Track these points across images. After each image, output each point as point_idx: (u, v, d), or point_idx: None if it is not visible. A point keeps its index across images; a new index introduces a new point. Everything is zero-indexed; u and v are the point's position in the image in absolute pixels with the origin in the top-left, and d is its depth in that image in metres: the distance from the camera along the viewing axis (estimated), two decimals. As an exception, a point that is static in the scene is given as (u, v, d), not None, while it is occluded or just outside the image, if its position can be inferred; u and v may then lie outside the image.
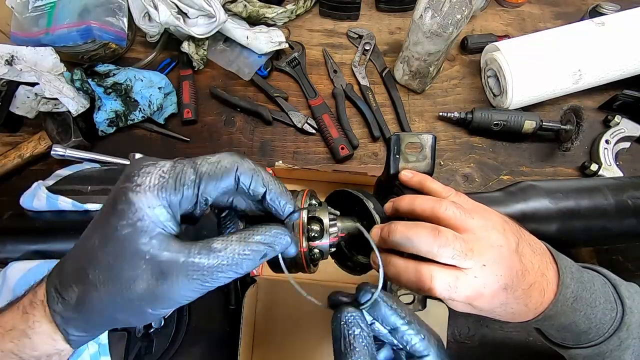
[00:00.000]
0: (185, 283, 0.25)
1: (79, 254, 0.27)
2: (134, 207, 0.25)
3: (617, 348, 0.37)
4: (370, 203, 0.39)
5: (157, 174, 0.26)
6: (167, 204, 0.25)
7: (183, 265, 0.24)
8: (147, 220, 0.25)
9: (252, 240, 0.27)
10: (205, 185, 0.26)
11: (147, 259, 0.24)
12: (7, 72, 0.66)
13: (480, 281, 0.33)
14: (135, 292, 0.25)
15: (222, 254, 0.25)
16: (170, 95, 0.73)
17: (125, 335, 0.53)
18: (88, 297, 0.25)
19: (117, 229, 0.25)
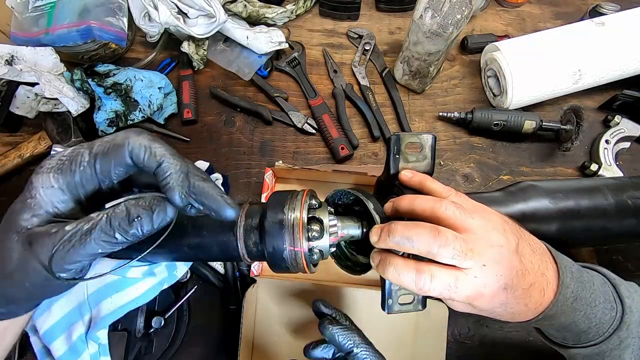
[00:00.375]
0: (51, 250, 0.25)
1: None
2: (31, 185, 0.27)
3: (617, 347, 0.37)
4: (370, 203, 0.39)
5: (58, 157, 0.27)
6: (65, 185, 0.26)
7: (49, 235, 0.25)
8: (38, 198, 0.26)
9: (117, 210, 0.26)
10: (100, 165, 0.26)
11: (20, 232, 0.26)
12: (7, 72, 0.66)
13: (480, 281, 0.33)
14: (12, 262, 0.26)
15: (93, 215, 0.26)
16: (170, 95, 0.73)
17: (125, 335, 0.53)
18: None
19: (14, 205, 0.27)
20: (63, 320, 0.46)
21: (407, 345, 0.60)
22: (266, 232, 0.38)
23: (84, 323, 0.47)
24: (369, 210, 0.39)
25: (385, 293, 0.37)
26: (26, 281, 0.26)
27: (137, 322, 0.55)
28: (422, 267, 0.33)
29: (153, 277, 0.49)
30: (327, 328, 0.36)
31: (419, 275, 0.33)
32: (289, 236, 0.38)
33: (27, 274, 0.26)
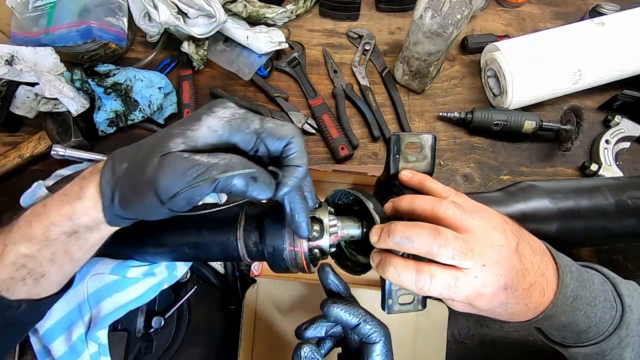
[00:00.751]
0: (179, 173, 0.28)
1: (145, 140, 0.32)
2: (199, 122, 0.29)
3: (617, 346, 0.37)
4: (370, 203, 0.39)
5: (232, 111, 0.31)
6: (226, 136, 0.30)
7: (183, 159, 0.28)
8: (197, 133, 0.29)
9: (249, 162, 0.30)
10: (262, 139, 0.30)
11: (164, 151, 0.28)
12: (7, 72, 0.66)
13: (480, 281, 0.33)
14: (145, 175, 0.29)
15: (221, 156, 0.29)
16: (170, 95, 0.73)
17: (125, 335, 0.53)
18: (128, 172, 0.30)
19: (173, 129, 0.30)
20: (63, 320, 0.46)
21: (407, 345, 0.60)
22: (266, 232, 0.38)
23: (84, 323, 0.47)
24: (369, 210, 0.39)
25: (385, 293, 0.37)
26: (148, 196, 0.29)
27: (137, 322, 0.55)
28: (422, 267, 0.33)
29: (153, 277, 0.49)
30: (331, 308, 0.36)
31: (418, 275, 0.33)
32: (289, 236, 0.38)
33: (152, 189, 0.28)
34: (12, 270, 0.31)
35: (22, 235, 0.31)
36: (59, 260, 0.32)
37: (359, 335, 0.36)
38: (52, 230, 0.31)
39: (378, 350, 0.35)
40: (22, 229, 0.31)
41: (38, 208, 0.32)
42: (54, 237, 0.31)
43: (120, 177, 0.30)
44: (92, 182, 0.31)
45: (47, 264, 0.32)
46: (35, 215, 0.32)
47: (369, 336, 0.36)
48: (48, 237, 0.31)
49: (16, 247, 0.31)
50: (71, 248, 0.32)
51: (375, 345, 0.36)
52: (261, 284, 0.60)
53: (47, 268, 0.32)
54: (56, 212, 0.31)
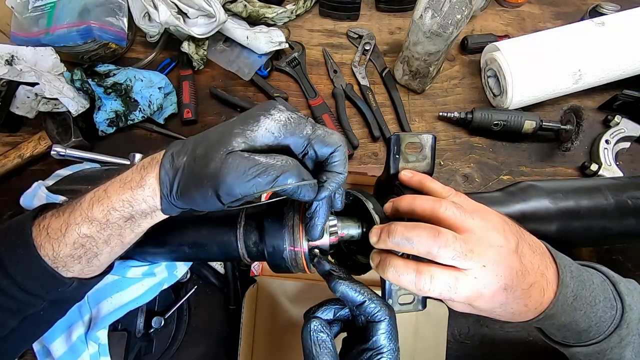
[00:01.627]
0: (240, 172, 0.30)
1: (202, 135, 0.34)
2: (258, 124, 0.32)
3: (617, 345, 0.37)
4: (370, 203, 0.39)
5: (288, 115, 0.33)
6: (281, 138, 0.32)
7: (245, 159, 0.30)
8: (257, 134, 0.31)
9: (300, 165, 0.32)
10: (314, 142, 0.33)
11: (228, 149, 0.31)
12: (7, 72, 0.66)
13: (480, 282, 0.33)
14: (208, 169, 0.31)
15: (279, 158, 0.31)
16: (170, 95, 0.73)
17: (125, 335, 0.53)
18: (188, 167, 0.32)
19: (234, 128, 0.32)
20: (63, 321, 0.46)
21: (407, 345, 0.60)
22: (266, 232, 0.38)
23: (84, 323, 0.47)
24: (369, 211, 0.39)
25: (385, 293, 0.37)
26: (209, 189, 0.31)
27: (137, 322, 0.55)
28: (422, 268, 0.33)
29: (153, 277, 0.49)
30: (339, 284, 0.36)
31: (418, 276, 0.33)
32: (288, 236, 0.38)
33: (214, 184, 0.31)
34: (71, 249, 0.34)
35: (84, 217, 0.34)
36: (112, 242, 0.35)
37: (364, 314, 0.36)
38: (112, 214, 0.34)
39: (383, 329, 0.35)
40: (85, 211, 0.34)
41: (99, 192, 0.34)
42: (113, 220, 0.34)
43: (180, 169, 0.32)
44: (152, 172, 0.34)
45: (102, 245, 0.35)
46: (97, 200, 0.34)
47: (375, 314, 0.36)
48: (108, 220, 0.34)
49: (78, 227, 0.34)
50: (125, 232, 0.35)
51: (381, 323, 0.36)
52: (261, 284, 0.60)
53: (101, 249, 0.35)
54: (117, 198, 0.34)
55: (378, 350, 0.35)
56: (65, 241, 0.33)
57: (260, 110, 0.33)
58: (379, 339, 0.35)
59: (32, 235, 0.34)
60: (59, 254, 0.34)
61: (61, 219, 0.34)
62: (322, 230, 0.36)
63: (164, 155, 0.34)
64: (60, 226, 0.34)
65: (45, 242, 0.34)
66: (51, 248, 0.33)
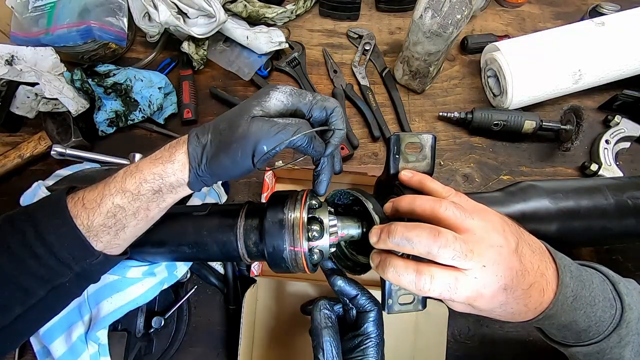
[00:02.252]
0: (264, 128, 0.36)
1: (220, 116, 0.39)
2: (269, 96, 0.38)
3: (617, 345, 0.37)
4: (370, 203, 0.39)
5: (291, 88, 0.39)
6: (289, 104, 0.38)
7: (265, 121, 0.36)
8: (270, 103, 0.37)
9: (308, 126, 0.38)
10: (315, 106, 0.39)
11: (250, 115, 0.36)
12: (7, 72, 0.66)
13: (480, 282, 0.33)
14: (237, 133, 0.36)
15: (292, 119, 0.37)
16: (170, 95, 0.73)
17: (125, 335, 0.53)
18: (213, 141, 0.37)
19: (250, 103, 0.38)
20: (63, 321, 0.46)
21: (407, 345, 0.60)
22: (266, 232, 0.38)
23: (84, 323, 0.47)
24: (369, 211, 0.39)
25: (385, 293, 0.37)
26: (239, 150, 0.36)
27: (137, 322, 0.55)
28: (422, 268, 0.33)
29: (153, 277, 0.49)
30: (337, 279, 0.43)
31: (418, 276, 0.33)
32: (289, 236, 0.38)
33: (242, 144, 0.36)
34: (104, 218, 0.37)
35: (118, 188, 0.37)
36: (140, 214, 0.38)
37: (356, 306, 0.43)
38: (143, 185, 0.37)
39: (372, 317, 0.43)
40: (119, 183, 0.37)
41: (131, 168, 0.38)
42: (143, 192, 0.37)
43: (208, 143, 0.37)
44: (180, 149, 0.38)
45: (130, 216, 0.38)
46: (130, 173, 0.38)
47: (365, 306, 0.43)
48: (139, 192, 0.37)
49: (112, 197, 0.37)
50: (151, 205, 0.38)
51: (370, 312, 0.43)
52: (261, 284, 0.60)
53: (129, 221, 0.38)
54: (149, 171, 0.37)
55: (367, 335, 0.42)
56: (100, 210, 0.37)
57: (269, 87, 0.39)
58: (368, 326, 0.42)
59: (68, 207, 0.37)
60: (92, 222, 0.37)
61: (96, 191, 0.38)
62: (327, 185, 0.42)
63: (189, 136, 0.38)
64: (96, 197, 0.37)
65: (82, 211, 0.37)
66: (87, 217, 0.37)
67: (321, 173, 0.42)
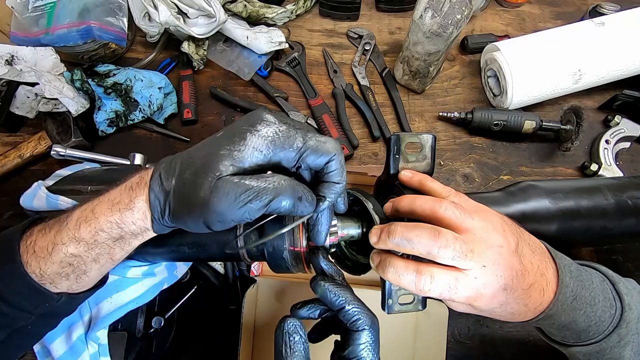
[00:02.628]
0: (231, 198, 0.29)
1: (189, 156, 0.32)
2: (244, 142, 0.30)
3: (617, 345, 0.37)
4: (370, 204, 0.39)
5: (275, 129, 0.31)
6: (270, 155, 0.31)
7: (235, 184, 0.29)
8: (244, 154, 0.30)
9: (295, 182, 0.32)
10: (306, 155, 0.31)
11: (216, 176, 0.29)
12: (7, 72, 0.66)
13: (480, 282, 0.33)
14: (197, 197, 0.30)
15: (270, 179, 0.30)
16: (170, 95, 0.73)
17: (125, 335, 0.53)
18: (177, 189, 0.31)
19: (219, 148, 0.30)
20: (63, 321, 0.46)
21: (407, 345, 0.60)
22: (266, 232, 0.38)
23: (84, 323, 0.47)
24: (369, 211, 0.39)
25: (385, 293, 0.37)
26: (201, 215, 0.30)
27: (137, 322, 0.55)
28: (422, 268, 0.33)
29: (153, 277, 0.49)
30: (319, 285, 0.35)
31: (418, 276, 0.33)
32: (288, 236, 0.38)
33: (205, 212, 0.30)
34: (58, 267, 0.33)
35: (71, 237, 0.33)
36: (102, 260, 0.35)
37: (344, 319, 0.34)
38: (100, 234, 0.33)
39: (363, 339, 0.33)
40: (72, 231, 0.33)
41: (86, 213, 0.33)
42: (101, 241, 0.33)
43: (170, 193, 0.32)
44: (141, 194, 0.33)
45: (91, 263, 0.34)
46: (85, 220, 0.33)
47: (353, 322, 0.34)
48: (96, 241, 0.33)
49: (65, 247, 0.33)
50: (114, 250, 0.35)
51: (360, 333, 0.33)
52: (261, 284, 0.60)
53: (89, 267, 0.34)
54: (105, 219, 0.33)
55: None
56: (52, 259, 0.33)
57: (246, 124, 0.31)
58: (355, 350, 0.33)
59: (20, 251, 0.33)
60: (45, 271, 0.33)
61: (47, 237, 0.33)
62: (326, 236, 0.36)
63: (151, 178, 0.33)
64: (47, 245, 0.33)
65: (32, 259, 0.33)
66: (38, 266, 0.33)
67: (317, 224, 0.35)
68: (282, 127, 0.31)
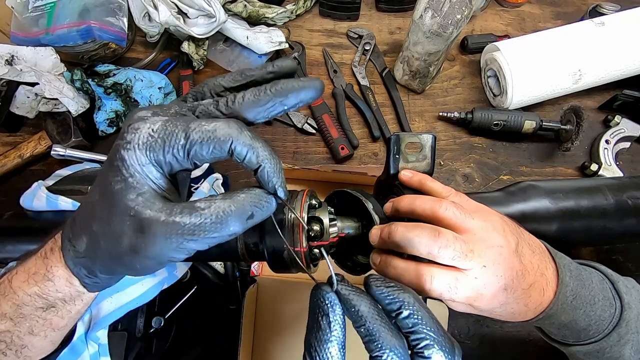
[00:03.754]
0: (163, 241, 0.24)
1: (86, 207, 0.28)
2: (126, 163, 0.25)
3: (616, 343, 0.37)
4: (370, 204, 0.39)
5: (147, 132, 0.25)
6: (156, 162, 0.26)
7: (163, 224, 0.24)
8: (137, 176, 0.25)
9: (237, 198, 0.26)
10: (195, 152, 0.25)
11: (132, 215, 0.25)
12: (7, 72, 0.66)
13: (480, 282, 0.33)
14: (122, 246, 0.26)
15: (206, 212, 0.25)
16: (170, 95, 0.73)
17: (125, 335, 0.53)
18: (93, 246, 0.27)
19: (111, 183, 0.26)
20: (63, 320, 0.46)
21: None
22: (266, 232, 0.38)
23: (84, 323, 0.47)
24: (369, 211, 0.39)
25: (385, 293, 0.37)
26: (136, 264, 0.26)
27: (137, 322, 0.55)
28: (422, 268, 0.33)
29: (153, 277, 0.49)
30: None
31: (419, 276, 0.33)
32: (289, 236, 0.38)
33: (138, 259, 0.26)
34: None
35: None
36: (39, 331, 0.30)
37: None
38: (24, 308, 0.29)
39: None
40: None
41: (4, 286, 0.30)
42: (28, 313, 0.29)
43: (92, 255, 0.28)
44: (57, 262, 0.29)
45: (27, 336, 0.30)
46: (3, 295, 0.29)
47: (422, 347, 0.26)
48: (22, 314, 0.29)
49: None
50: (52, 319, 0.30)
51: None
52: (261, 284, 0.60)
53: (27, 340, 0.30)
54: (24, 293, 0.29)
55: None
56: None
57: (118, 138, 0.26)
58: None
59: None
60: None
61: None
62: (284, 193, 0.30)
63: (62, 246, 0.29)
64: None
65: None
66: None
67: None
68: (155, 126, 0.26)
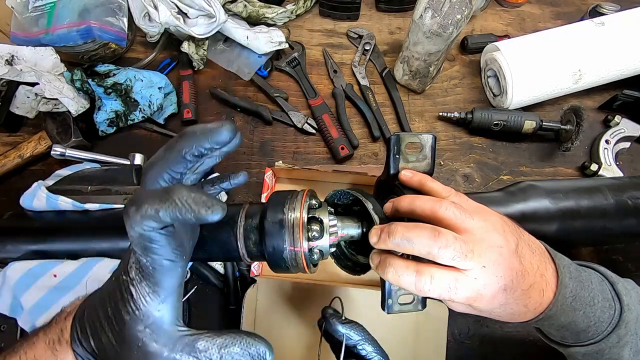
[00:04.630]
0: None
1: (95, 305, 0.30)
2: (132, 298, 0.28)
3: (615, 345, 0.37)
4: (370, 204, 0.39)
5: (135, 266, 0.28)
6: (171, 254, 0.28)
7: (165, 359, 0.27)
8: (144, 310, 0.28)
9: (232, 350, 0.29)
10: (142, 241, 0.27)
11: (139, 346, 0.27)
12: (7, 72, 0.66)
13: (480, 282, 0.33)
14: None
15: (202, 356, 0.28)
16: (170, 95, 0.73)
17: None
18: (101, 355, 0.29)
19: (121, 311, 0.28)
20: (63, 321, 0.46)
21: (407, 345, 0.60)
22: (266, 232, 0.38)
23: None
24: (369, 211, 0.39)
25: (385, 293, 0.37)
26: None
27: (137, 322, 0.55)
28: (421, 268, 0.33)
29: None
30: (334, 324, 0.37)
31: (418, 276, 0.33)
32: (289, 236, 0.38)
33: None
34: None
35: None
36: None
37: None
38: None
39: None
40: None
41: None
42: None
43: (100, 353, 0.29)
44: (66, 356, 0.30)
45: None
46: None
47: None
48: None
49: None
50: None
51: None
52: (261, 284, 0.60)
53: None
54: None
55: None
56: None
57: (128, 281, 0.28)
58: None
59: None
60: None
61: None
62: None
63: (71, 336, 0.30)
64: None
65: None
66: None
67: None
68: (141, 259, 0.28)
